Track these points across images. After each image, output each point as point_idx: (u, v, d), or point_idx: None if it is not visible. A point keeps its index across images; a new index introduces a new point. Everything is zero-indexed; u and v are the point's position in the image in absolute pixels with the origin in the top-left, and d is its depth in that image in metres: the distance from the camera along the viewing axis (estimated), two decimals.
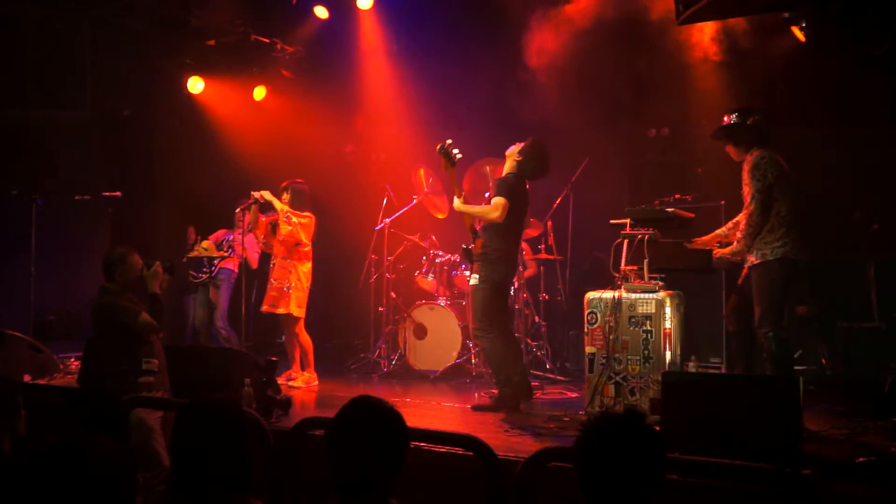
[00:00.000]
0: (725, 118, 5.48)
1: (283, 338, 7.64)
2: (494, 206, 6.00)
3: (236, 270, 8.32)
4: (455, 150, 6.12)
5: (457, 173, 6.32)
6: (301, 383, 7.24)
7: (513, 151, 6.28)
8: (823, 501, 3.32)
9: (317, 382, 7.33)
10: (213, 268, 8.30)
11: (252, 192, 7.38)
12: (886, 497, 3.63)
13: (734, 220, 5.49)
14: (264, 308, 7.35)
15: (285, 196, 7.45)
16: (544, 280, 8.32)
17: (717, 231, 5.70)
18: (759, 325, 5.15)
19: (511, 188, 6.09)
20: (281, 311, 7.25)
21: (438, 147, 6.12)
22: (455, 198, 6.22)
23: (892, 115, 7.05)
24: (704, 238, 5.71)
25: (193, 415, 2.41)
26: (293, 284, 7.27)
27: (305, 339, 7.35)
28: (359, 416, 2.43)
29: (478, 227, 6.24)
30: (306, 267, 7.37)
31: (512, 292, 7.26)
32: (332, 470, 2.38)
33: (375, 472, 2.37)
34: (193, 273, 8.32)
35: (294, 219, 7.32)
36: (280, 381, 7.18)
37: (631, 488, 2.14)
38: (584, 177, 8.00)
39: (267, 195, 7.36)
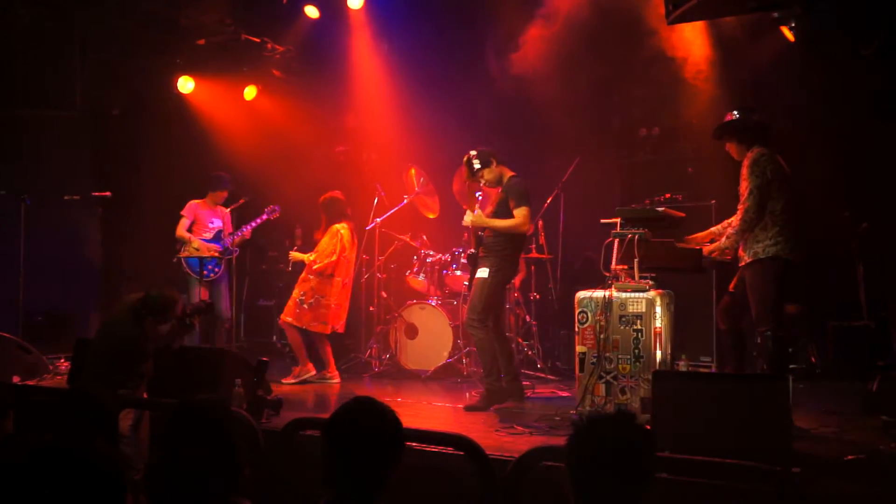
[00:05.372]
0: (728, 115, 5.50)
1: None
2: (524, 219, 6.06)
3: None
4: (475, 161, 6.12)
5: (449, 172, 6.30)
6: (292, 379, 7.37)
7: (486, 169, 6.25)
8: (813, 499, 3.33)
9: (312, 373, 7.46)
10: (218, 265, 8.22)
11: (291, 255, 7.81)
12: (875, 494, 3.64)
13: (728, 220, 5.51)
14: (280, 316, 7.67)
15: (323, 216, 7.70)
16: (535, 279, 8.33)
17: (712, 229, 5.72)
18: (758, 324, 5.17)
19: (528, 193, 6.17)
20: (287, 320, 7.54)
21: (465, 158, 6.13)
22: (469, 211, 6.20)
23: (881, 115, 7.08)
24: (698, 235, 5.72)
25: (182, 415, 2.40)
26: (308, 299, 7.52)
27: (291, 335, 7.52)
28: (358, 415, 2.46)
29: (485, 233, 6.24)
30: (318, 282, 7.54)
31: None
32: (325, 466, 2.39)
33: (369, 472, 2.39)
34: (206, 271, 8.21)
35: (313, 255, 7.56)
36: (289, 379, 7.38)
37: (622, 487, 2.14)
38: (574, 176, 8.01)
39: (296, 256, 7.73)
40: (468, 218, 6.20)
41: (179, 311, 5.37)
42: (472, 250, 6.33)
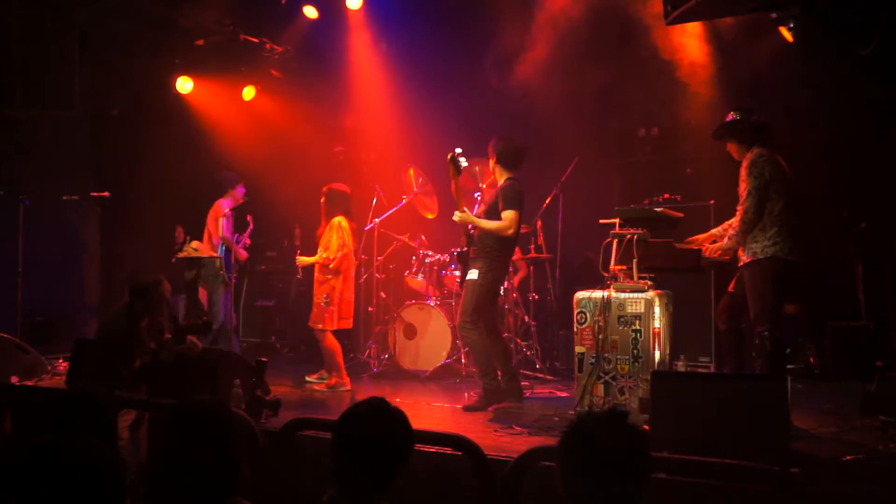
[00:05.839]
0: (729, 116, 5.50)
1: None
2: (509, 223, 6.05)
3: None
4: (462, 159, 6.11)
5: (447, 172, 6.28)
6: (314, 379, 7.33)
7: (491, 162, 6.32)
8: (811, 499, 3.33)
9: (348, 388, 7.14)
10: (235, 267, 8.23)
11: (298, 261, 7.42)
12: (873, 495, 3.65)
13: (729, 221, 5.51)
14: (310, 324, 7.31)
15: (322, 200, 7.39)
16: (534, 280, 8.33)
17: (713, 230, 5.73)
18: (755, 324, 5.18)
19: (520, 198, 6.16)
20: (318, 327, 7.19)
21: (449, 156, 6.12)
22: (457, 211, 6.21)
23: (879, 114, 7.09)
24: (699, 237, 5.72)
25: (180, 416, 2.40)
26: (332, 300, 7.20)
27: (331, 343, 7.23)
28: (369, 416, 2.51)
29: (474, 232, 6.24)
30: (338, 280, 7.23)
31: (502, 291, 7.27)
32: (334, 464, 2.41)
33: (376, 472, 2.43)
34: (229, 274, 8.22)
35: (324, 253, 7.20)
36: (313, 377, 7.36)
37: (614, 487, 2.13)
38: (573, 176, 8.01)
39: (304, 261, 7.37)
40: (457, 215, 6.22)
41: (167, 292, 5.33)
42: (462, 249, 6.34)
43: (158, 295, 5.25)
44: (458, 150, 6.12)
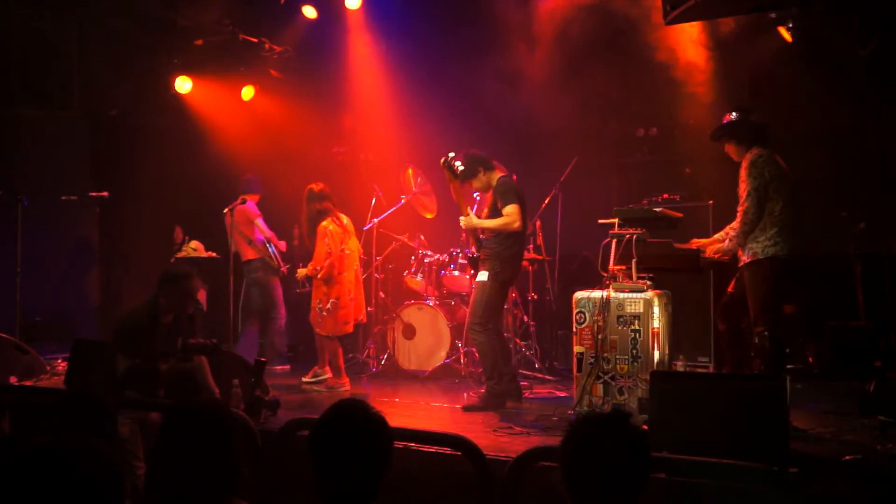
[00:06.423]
0: (727, 116, 5.50)
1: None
2: (512, 217, 6.05)
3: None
4: (457, 163, 6.10)
5: (447, 172, 6.26)
6: (309, 379, 7.31)
7: (474, 179, 6.34)
8: (810, 499, 3.33)
9: (346, 388, 7.14)
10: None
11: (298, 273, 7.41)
12: (873, 495, 3.65)
13: (731, 225, 5.51)
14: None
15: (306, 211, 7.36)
16: (533, 280, 8.33)
17: (715, 236, 5.72)
18: (755, 324, 5.18)
19: (515, 190, 6.15)
20: (316, 331, 7.24)
21: (442, 161, 6.10)
22: (462, 216, 6.21)
23: (878, 114, 7.09)
24: (702, 241, 5.72)
25: (178, 416, 2.39)
26: (325, 306, 7.17)
27: (330, 346, 7.25)
28: (341, 421, 2.42)
29: (483, 235, 6.24)
30: (330, 286, 7.18)
31: None
32: (315, 474, 2.37)
33: (358, 476, 2.36)
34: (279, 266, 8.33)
35: (316, 267, 7.18)
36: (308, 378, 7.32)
37: (616, 487, 2.14)
38: (572, 176, 8.01)
39: (302, 272, 7.35)
40: (463, 221, 6.22)
41: (194, 288, 5.31)
42: (473, 253, 6.34)
43: (185, 287, 5.20)
44: (452, 155, 6.09)
